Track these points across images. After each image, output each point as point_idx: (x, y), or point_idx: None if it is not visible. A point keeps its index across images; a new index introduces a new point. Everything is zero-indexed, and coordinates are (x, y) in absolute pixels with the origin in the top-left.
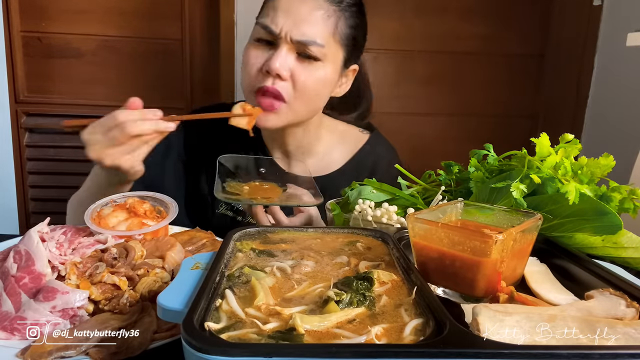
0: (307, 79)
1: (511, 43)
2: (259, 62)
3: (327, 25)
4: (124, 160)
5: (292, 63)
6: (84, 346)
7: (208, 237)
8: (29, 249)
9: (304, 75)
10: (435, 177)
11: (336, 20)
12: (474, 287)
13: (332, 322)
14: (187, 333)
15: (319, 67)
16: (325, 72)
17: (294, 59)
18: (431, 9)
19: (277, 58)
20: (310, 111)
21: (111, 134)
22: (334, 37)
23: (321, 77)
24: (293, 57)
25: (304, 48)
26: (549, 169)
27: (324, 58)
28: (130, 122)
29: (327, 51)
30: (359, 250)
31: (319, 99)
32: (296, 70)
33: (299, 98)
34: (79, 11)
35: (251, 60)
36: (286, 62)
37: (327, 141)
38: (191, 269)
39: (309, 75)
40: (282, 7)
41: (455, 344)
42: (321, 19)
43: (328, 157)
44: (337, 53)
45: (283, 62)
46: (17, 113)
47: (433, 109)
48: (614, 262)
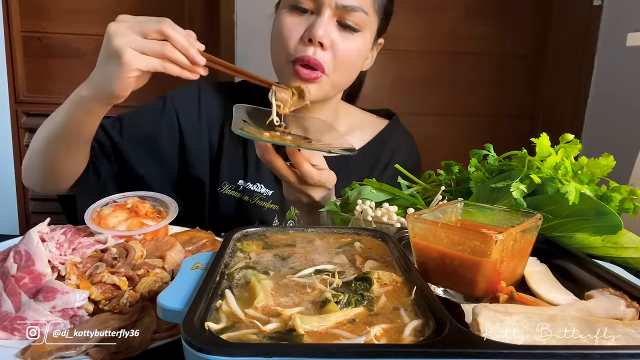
0: (348, 49)
1: (511, 43)
2: (299, 30)
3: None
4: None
5: (334, 32)
6: (84, 346)
7: (208, 237)
8: (29, 249)
9: (345, 46)
10: (435, 177)
11: None
12: (474, 287)
13: (331, 322)
14: (187, 333)
15: (357, 37)
16: (364, 43)
17: (334, 29)
18: (431, 8)
19: (321, 25)
20: (347, 83)
21: (144, 24)
22: (374, 5)
23: (360, 47)
24: (334, 25)
25: (347, 15)
26: (549, 169)
27: (364, 27)
28: (170, 25)
29: (368, 21)
30: (359, 250)
31: (355, 71)
32: (337, 40)
33: (339, 69)
34: (79, 11)
35: (288, 28)
36: (329, 30)
37: (344, 125)
38: (191, 269)
39: (349, 46)
40: None
41: (455, 344)
42: None
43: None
44: (374, 23)
45: (326, 29)
46: (17, 113)
47: (433, 109)
48: (614, 262)
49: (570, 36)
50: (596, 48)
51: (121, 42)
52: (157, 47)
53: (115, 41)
